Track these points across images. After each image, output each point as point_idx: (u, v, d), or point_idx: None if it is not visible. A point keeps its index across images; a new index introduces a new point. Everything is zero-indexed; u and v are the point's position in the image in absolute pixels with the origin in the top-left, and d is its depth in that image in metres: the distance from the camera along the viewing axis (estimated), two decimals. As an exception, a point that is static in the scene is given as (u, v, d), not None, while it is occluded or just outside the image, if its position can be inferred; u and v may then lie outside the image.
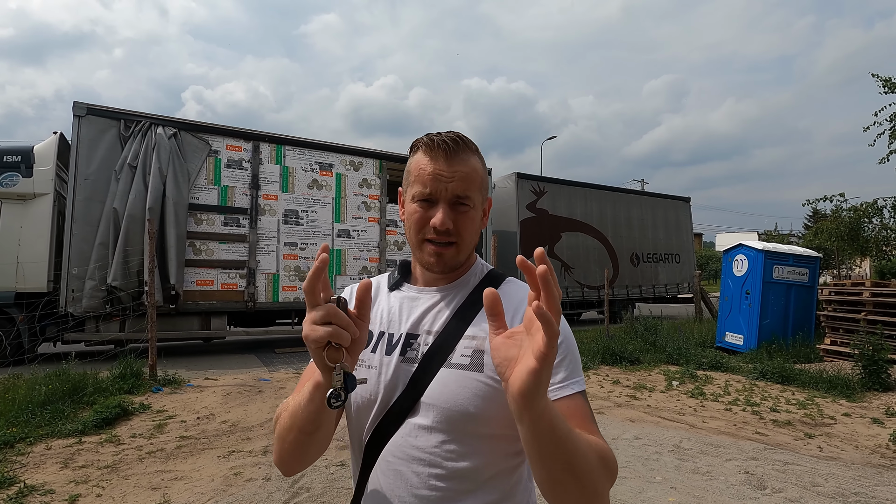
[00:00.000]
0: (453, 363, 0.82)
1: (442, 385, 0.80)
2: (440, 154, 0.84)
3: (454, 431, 0.79)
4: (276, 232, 8.91)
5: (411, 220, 0.86)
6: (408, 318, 0.90)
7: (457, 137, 0.86)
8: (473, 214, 0.87)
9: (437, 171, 0.84)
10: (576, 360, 0.81)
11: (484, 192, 0.90)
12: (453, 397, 0.79)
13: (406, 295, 0.93)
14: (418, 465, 0.80)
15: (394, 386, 0.84)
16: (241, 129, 8.91)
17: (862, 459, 3.91)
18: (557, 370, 0.78)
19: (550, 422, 0.60)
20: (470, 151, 0.87)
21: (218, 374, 6.78)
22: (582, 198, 13.70)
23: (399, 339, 0.88)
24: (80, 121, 7.49)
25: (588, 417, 0.77)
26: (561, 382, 0.77)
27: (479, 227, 0.90)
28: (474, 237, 0.89)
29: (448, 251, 0.86)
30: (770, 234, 28.02)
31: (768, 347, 8.08)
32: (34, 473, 3.43)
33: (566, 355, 0.80)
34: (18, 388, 5.03)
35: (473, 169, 0.86)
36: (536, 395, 0.57)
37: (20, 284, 7.39)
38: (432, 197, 0.84)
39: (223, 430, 4.45)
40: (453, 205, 0.84)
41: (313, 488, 3.27)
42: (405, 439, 0.81)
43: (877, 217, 10.98)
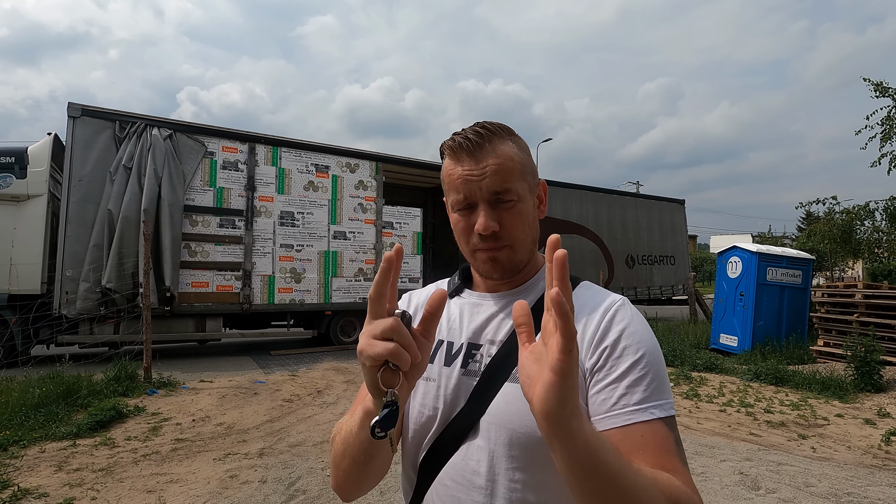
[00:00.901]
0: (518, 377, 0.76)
1: (506, 402, 0.71)
2: (463, 153, 0.76)
3: (521, 458, 0.70)
4: (272, 234, 8.90)
5: (457, 231, 0.79)
6: (469, 327, 0.82)
7: (480, 129, 0.77)
8: (521, 207, 0.77)
9: (466, 173, 0.75)
10: (660, 379, 0.69)
11: (530, 178, 0.79)
12: (519, 417, 0.69)
13: (467, 301, 0.85)
14: (479, 494, 0.71)
15: (454, 401, 0.76)
16: (237, 130, 8.90)
17: (854, 460, 3.95)
18: (634, 389, 0.67)
19: (590, 450, 0.51)
20: (499, 138, 0.77)
21: (213, 376, 6.75)
22: (577, 200, 13.74)
23: (460, 350, 0.80)
24: (74, 122, 7.45)
25: (667, 450, 0.64)
26: (637, 405, 0.65)
27: (533, 220, 0.80)
28: (529, 232, 0.79)
29: (502, 253, 0.77)
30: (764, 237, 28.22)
31: (762, 349, 8.13)
32: (28, 476, 3.41)
33: (647, 371, 0.68)
34: (12, 390, 5.00)
35: (507, 157, 0.76)
36: (562, 415, 0.49)
37: (13, 286, 7.34)
38: (469, 201, 0.76)
39: (219, 433, 4.43)
40: (494, 203, 0.75)
41: (309, 491, 3.26)
42: (465, 462, 0.73)
43: (869, 220, 11.08)
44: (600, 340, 0.71)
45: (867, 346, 6.06)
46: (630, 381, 0.67)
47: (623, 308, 0.75)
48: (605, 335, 0.71)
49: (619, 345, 0.70)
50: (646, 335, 0.72)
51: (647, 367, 0.68)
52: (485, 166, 0.75)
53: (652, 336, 0.73)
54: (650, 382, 0.67)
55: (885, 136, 9.69)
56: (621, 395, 0.66)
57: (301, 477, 3.47)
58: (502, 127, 0.79)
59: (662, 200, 16.52)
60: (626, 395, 0.66)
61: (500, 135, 0.77)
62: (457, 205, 0.78)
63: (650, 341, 0.71)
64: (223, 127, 8.83)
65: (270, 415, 5.00)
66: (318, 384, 6.34)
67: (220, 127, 8.78)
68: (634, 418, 0.65)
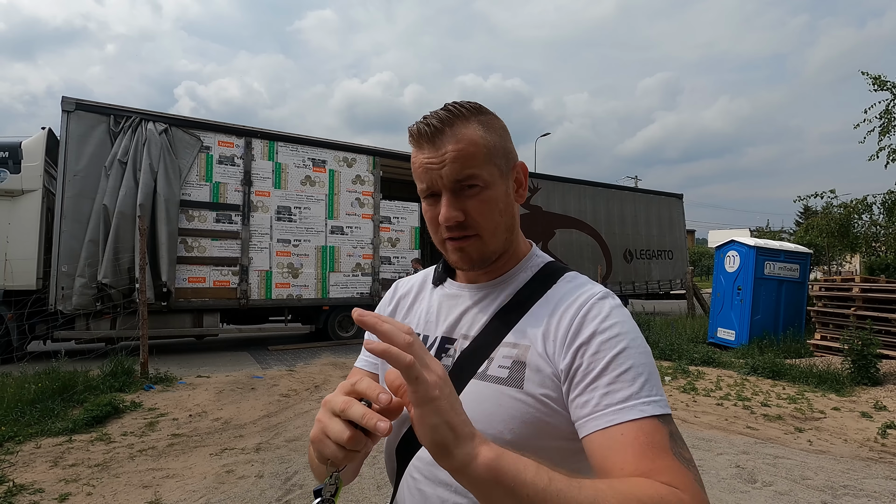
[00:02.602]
0: (489, 375, 0.69)
1: (475, 402, 0.67)
2: (423, 140, 0.71)
3: None
4: (269, 229, 8.87)
5: (427, 221, 0.76)
6: (445, 320, 0.79)
7: (443, 111, 0.71)
8: (489, 194, 0.71)
9: (427, 161, 0.71)
10: (646, 373, 0.62)
11: (500, 161, 0.73)
12: (487, 418, 0.66)
13: (447, 292, 0.82)
14: (444, 491, 0.69)
15: None
16: (233, 125, 8.84)
17: (851, 453, 3.96)
18: (616, 387, 0.61)
19: (498, 474, 0.47)
20: (463, 120, 0.71)
21: (210, 371, 6.74)
22: (576, 194, 13.73)
23: (433, 343, 0.78)
24: (68, 116, 7.40)
25: (652, 447, 0.56)
26: (619, 404, 0.59)
27: (506, 206, 0.74)
28: (500, 219, 0.73)
29: (469, 244, 0.72)
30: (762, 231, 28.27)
31: (759, 343, 8.15)
32: (23, 472, 3.39)
33: (629, 367, 0.62)
34: (7, 386, 4.98)
35: (469, 141, 0.70)
36: (442, 443, 0.46)
37: (9, 282, 7.30)
38: (432, 190, 0.72)
39: (215, 428, 4.42)
40: (457, 192, 0.71)
41: (306, 485, 3.26)
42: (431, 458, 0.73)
43: (866, 213, 11.09)
44: (573, 338, 0.66)
45: (864, 340, 6.07)
46: (610, 379, 0.61)
47: (600, 302, 0.69)
48: (578, 332, 0.66)
49: (595, 340, 0.64)
50: (626, 327, 0.66)
51: (628, 362, 0.62)
52: (444, 153, 0.70)
53: (635, 328, 0.67)
54: (634, 378, 0.61)
55: (884, 130, 9.68)
56: (602, 394, 0.61)
57: (298, 472, 3.47)
58: (471, 107, 0.73)
59: (661, 195, 16.52)
60: (608, 393, 0.61)
61: (465, 116, 0.71)
62: (422, 194, 0.74)
63: (631, 334, 0.65)
64: (219, 121, 8.78)
65: (267, 410, 4.99)
66: (316, 379, 6.34)
67: (215, 121, 8.74)
68: (617, 419, 0.59)
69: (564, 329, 0.67)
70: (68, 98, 7.44)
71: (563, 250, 13.13)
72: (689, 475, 0.55)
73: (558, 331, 0.68)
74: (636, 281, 14.94)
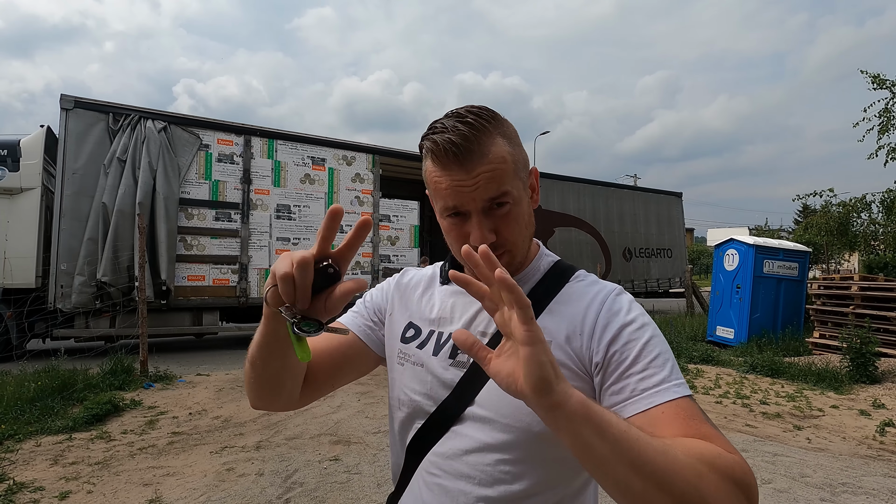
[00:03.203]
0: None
1: (500, 396, 0.68)
2: (452, 162, 0.68)
3: (512, 450, 0.69)
4: (269, 227, 8.86)
5: (449, 238, 0.75)
6: (460, 318, 0.80)
7: (463, 126, 0.68)
8: (517, 210, 0.72)
9: (457, 184, 0.69)
10: (671, 358, 0.68)
11: (523, 173, 0.74)
12: (515, 411, 0.68)
13: (459, 291, 0.82)
14: (466, 483, 0.70)
15: (440, 391, 0.76)
16: (232, 123, 8.83)
17: (849, 450, 3.97)
18: (649, 373, 0.65)
19: (588, 410, 0.50)
20: (487, 135, 0.69)
21: (210, 369, 6.74)
22: (575, 193, 13.73)
23: (448, 340, 0.79)
24: (67, 114, 7.38)
25: (693, 417, 0.62)
26: (656, 387, 0.63)
27: (529, 217, 0.75)
28: (526, 231, 0.75)
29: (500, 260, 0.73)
30: (761, 230, 28.31)
31: (758, 341, 8.16)
32: (24, 470, 3.39)
33: (658, 354, 0.66)
34: (7, 384, 4.97)
35: (500, 158, 0.69)
36: (548, 378, 0.49)
37: (8, 280, 7.29)
38: (460, 210, 0.71)
39: (215, 426, 4.43)
40: (488, 210, 0.70)
41: (307, 483, 3.26)
42: (451, 451, 0.72)
43: (865, 212, 11.11)
44: (602, 333, 0.69)
45: (863, 338, 6.09)
46: (643, 366, 0.65)
47: (619, 297, 0.74)
48: (606, 327, 0.69)
49: (624, 332, 0.68)
50: (647, 318, 0.71)
51: (656, 350, 0.67)
52: (477, 175, 0.68)
53: (651, 321, 0.72)
54: (663, 363, 0.66)
55: (883, 129, 9.70)
56: (638, 380, 0.65)
57: (298, 469, 3.47)
58: (489, 117, 0.71)
59: (660, 193, 16.53)
60: (643, 378, 0.64)
61: (488, 130, 0.69)
62: (446, 211, 0.73)
63: (652, 324, 0.71)
64: (218, 119, 8.78)
65: (267, 408, 5.00)
66: (316, 377, 6.34)
67: (215, 119, 8.73)
68: (656, 400, 0.63)
69: (591, 325, 0.70)
70: (67, 96, 7.42)
71: (562, 249, 13.14)
72: (728, 442, 0.59)
73: (584, 326, 0.71)
74: (635, 279, 14.95)
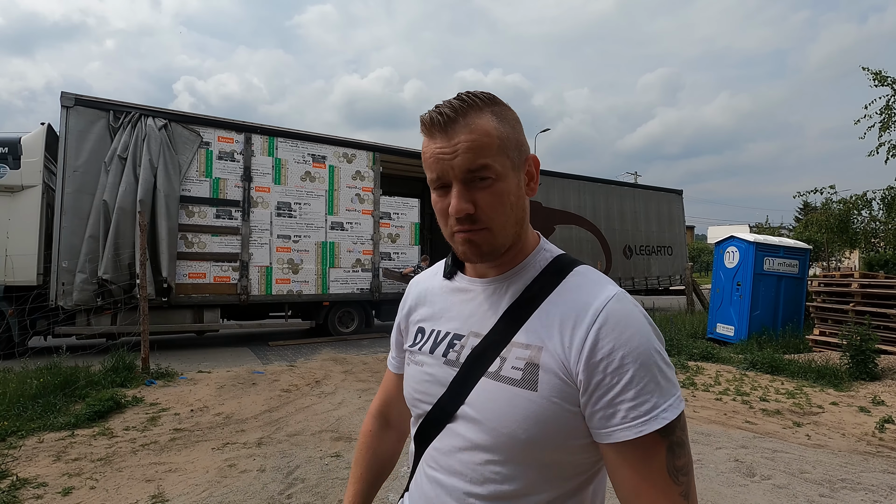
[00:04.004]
0: (502, 375, 0.69)
1: (489, 400, 0.69)
2: (436, 130, 0.70)
3: (501, 452, 0.68)
4: (269, 224, 8.87)
5: (436, 213, 0.75)
6: (456, 315, 0.80)
7: (456, 100, 0.70)
8: (501, 186, 0.70)
9: (438, 151, 0.70)
10: (656, 384, 0.63)
11: (513, 154, 0.72)
12: (500, 417, 0.68)
13: (457, 287, 0.83)
14: (458, 480, 0.71)
15: (436, 388, 0.77)
16: (233, 120, 8.83)
17: (849, 447, 3.99)
18: (619, 401, 0.62)
19: None
20: (476, 110, 0.70)
21: (211, 366, 6.76)
22: (575, 190, 13.73)
23: (443, 338, 0.79)
24: (68, 112, 7.38)
25: (649, 473, 0.61)
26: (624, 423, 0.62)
27: (517, 199, 0.73)
28: (511, 213, 0.72)
29: (479, 236, 0.71)
30: (761, 227, 28.27)
31: (758, 338, 8.17)
32: (27, 467, 3.41)
33: (634, 374, 0.63)
34: (9, 381, 5.00)
35: (483, 132, 0.69)
36: None
37: (9, 278, 7.30)
38: (443, 181, 0.71)
39: (217, 423, 4.45)
40: (469, 182, 0.69)
41: (308, 479, 3.28)
42: (446, 448, 0.74)
43: (866, 209, 11.09)
44: (592, 351, 0.65)
45: (863, 335, 6.09)
46: (633, 393, 0.63)
47: (617, 308, 0.67)
48: (595, 345, 0.65)
49: (616, 355, 0.64)
50: (643, 337, 0.65)
51: (646, 374, 0.63)
52: (457, 143, 0.68)
53: (648, 330, 0.67)
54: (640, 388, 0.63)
55: (884, 126, 9.67)
56: (616, 411, 0.63)
57: (300, 466, 3.49)
58: (485, 97, 0.72)
59: (660, 191, 16.51)
60: (621, 411, 0.63)
61: (479, 106, 0.70)
62: (432, 184, 0.73)
63: (646, 343, 0.65)
64: (219, 117, 8.76)
65: (269, 405, 5.01)
66: (317, 374, 6.36)
67: (215, 117, 8.72)
68: (620, 437, 0.62)
69: (580, 339, 0.66)
70: (67, 93, 7.42)
71: (562, 246, 12.82)
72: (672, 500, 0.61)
73: (574, 338, 0.67)
74: (636, 277, 14.96)
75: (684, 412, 0.65)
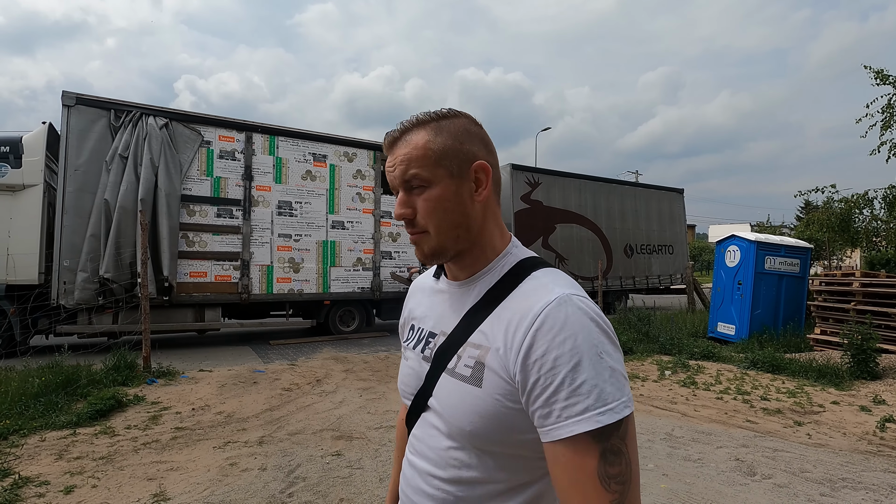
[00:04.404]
0: (457, 372, 0.76)
1: (446, 394, 0.77)
2: (387, 148, 0.81)
3: (457, 441, 0.75)
4: (270, 223, 8.87)
5: None
6: (434, 314, 0.88)
7: (406, 124, 0.79)
8: (434, 193, 0.76)
9: (388, 166, 0.81)
10: (588, 380, 0.63)
11: (450, 163, 0.76)
12: (453, 410, 0.75)
13: (438, 288, 0.91)
14: (427, 464, 0.79)
15: (416, 381, 0.85)
16: (234, 119, 8.83)
17: (849, 446, 3.99)
18: (565, 403, 0.63)
19: None
20: (417, 127, 0.78)
21: (212, 365, 6.77)
22: (576, 189, 13.72)
23: (424, 336, 0.88)
24: (69, 111, 7.39)
25: (579, 478, 0.62)
26: (557, 422, 0.64)
27: (456, 205, 0.77)
28: (448, 217, 0.77)
29: (420, 238, 0.79)
30: (762, 226, 28.23)
31: (759, 337, 8.17)
32: (29, 465, 3.42)
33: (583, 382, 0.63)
34: (11, 380, 5.01)
35: (415, 145, 0.76)
36: None
37: (11, 277, 7.31)
38: (394, 191, 0.81)
39: (218, 422, 4.46)
40: (409, 191, 0.78)
41: (309, 478, 3.28)
42: (421, 434, 0.82)
43: (867, 208, 11.07)
44: (528, 353, 0.67)
45: (864, 334, 6.09)
46: (565, 394, 0.63)
47: (556, 311, 0.68)
48: (531, 347, 0.67)
49: (549, 357, 0.65)
50: (580, 339, 0.65)
51: (581, 377, 0.63)
52: (396, 157, 0.78)
53: (590, 335, 0.66)
54: (588, 391, 0.63)
55: (885, 125, 9.65)
56: (551, 411, 0.64)
57: (301, 464, 3.49)
58: (435, 114, 0.78)
59: (661, 189, 16.50)
60: (555, 411, 0.64)
61: (421, 123, 0.78)
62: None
63: (585, 345, 0.65)
64: (219, 116, 8.76)
65: (270, 403, 5.02)
66: (318, 373, 6.37)
67: (216, 116, 8.72)
68: (553, 436, 0.64)
69: (519, 341, 0.68)
70: (69, 93, 7.43)
71: (563, 245, 13.14)
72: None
73: (514, 340, 0.69)
74: (636, 276, 14.95)
75: (629, 421, 0.64)
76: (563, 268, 13.03)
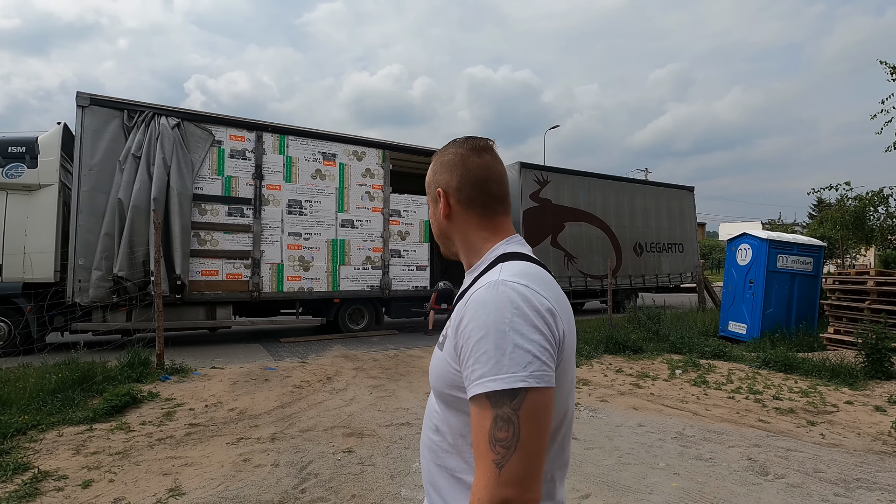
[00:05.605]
0: (439, 342, 0.94)
1: (432, 360, 0.94)
2: None
3: (435, 396, 0.92)
4: (280, 222, 8.94)
5: None
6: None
7: None
8: (428, 213, 0.97)
9: None
10: (497, 355, 0.74)
11: (430, 191, 1.02)
12: (431, 371, 0.93)
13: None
14: (426, 421, 0.96)
15: None
16: (244, 119, 8.90)
17: (864, 446, 3.94)
18: (475, 367, 0.76)
19: None
20: None
21: (224, 363, 6.85)
22: (585, 187, 13.65)
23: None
24: (83, 111, 7.49)
25: (480, 432, 0.74)
26: (476, 381, 0.76)
27: (434, 222, 1.04)
28: (434, 231, 1.05)
29: None
30: (774, 224, 27.91)
31: (771, 336, 8.09)
32: (47, 460, 3.49)
33: (485, 351, 0.75)
34: (29, 376, 5.11)
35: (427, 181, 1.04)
36: None
37: (27, 275, 7.44)
38: None
39: (231, 418, 4.51)
40: None
41: (321, 474, 3.32)
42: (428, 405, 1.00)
43: (882, 206, 10.91)
44: (458, 324, 0.82)
45: (878, 334, 6.01)
46: (473, 360, 0.76)
47: (484, 291, 0.81)
48: (461, 319, 0.82)
49: (468, 327, 0.78)
50: (492, 316, 0.76)
51: (484, 347, 0.74)
52: None
53: (502, 313, 0.76)
54: (486, 360, 0.74)
55: (901, 121, 9.49)
56: (469, 371, 0.76)
57: (313, 461, 3.53)
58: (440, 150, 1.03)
59: (671, 187, 16.36)
60: (472, 371, 0.76)
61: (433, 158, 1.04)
62: None
63: (495, 321, 0.75)
64: (230, 115, 8.83)
65: (281, 401, 5.07)
66: (328, 371, 6.41)
67: (227, 115, 8.79)
68: (468, 393, 0.76)
69: (457, 315, 0.84)
70: (83, 93, 7.53)
71: (572, 243, 13.10)
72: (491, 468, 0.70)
73: (457, 315, 0.85)
74: (646, 274, 14.86)
75: (529, 396, 0.71)
76: (571, 266, 12.99)
